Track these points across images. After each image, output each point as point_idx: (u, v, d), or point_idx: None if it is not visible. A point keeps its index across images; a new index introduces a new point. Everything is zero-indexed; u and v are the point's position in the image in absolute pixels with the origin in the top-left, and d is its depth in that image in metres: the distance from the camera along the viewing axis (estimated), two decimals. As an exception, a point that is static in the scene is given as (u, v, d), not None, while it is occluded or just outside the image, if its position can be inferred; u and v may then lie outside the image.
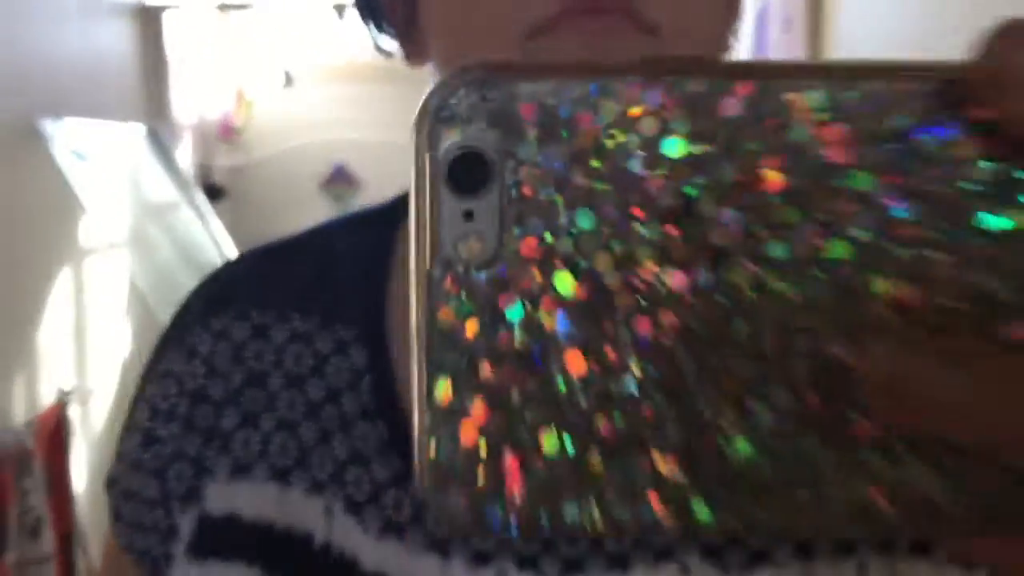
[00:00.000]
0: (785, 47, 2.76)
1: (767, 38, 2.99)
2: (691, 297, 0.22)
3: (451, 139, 0.22)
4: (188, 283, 2.37)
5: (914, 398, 0.22)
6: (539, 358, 0.22)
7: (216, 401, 0.50)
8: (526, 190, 0.22)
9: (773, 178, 0.22)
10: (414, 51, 0.50)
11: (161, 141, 2.61)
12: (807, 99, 0.22)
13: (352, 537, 0.45)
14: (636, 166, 0.22)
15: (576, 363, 0.22)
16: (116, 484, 0.53)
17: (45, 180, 2.03)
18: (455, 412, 0.23)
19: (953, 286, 0.22)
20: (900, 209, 0.23)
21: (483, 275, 0.22)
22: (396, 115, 2.21)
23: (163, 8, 2.76)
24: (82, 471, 2.12)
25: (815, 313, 0.22)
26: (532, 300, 0.22)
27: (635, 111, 0.22)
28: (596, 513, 0.23)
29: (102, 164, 2.22)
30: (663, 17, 0.40)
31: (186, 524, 0.49)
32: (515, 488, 0.23)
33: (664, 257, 0.22)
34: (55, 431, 1.98)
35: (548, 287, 0.22)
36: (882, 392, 0.23)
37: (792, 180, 0.22)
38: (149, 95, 2.72)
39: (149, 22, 2.71)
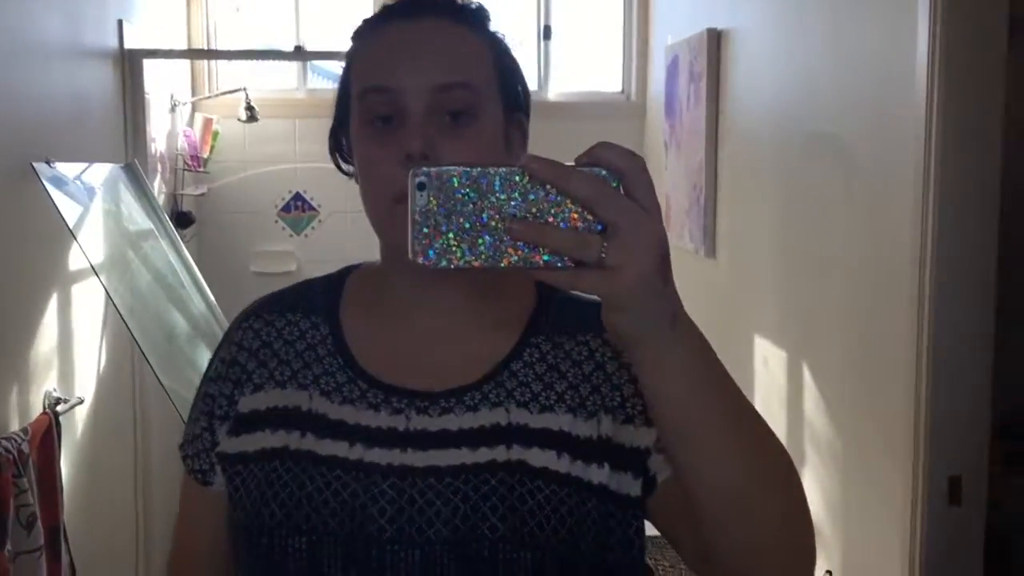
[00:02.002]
0: (695, 94, 3.08)
1: (676, 87, 3.31)
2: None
3: (415, 179, 0.62)
4: (160, 304, 2.60)
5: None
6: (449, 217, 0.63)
7: (241, 362, 0.94)
8: (438, 189, 0.63)
9: (524, 185, 0.62)
10: (359, 183, 0.93)
11: (138, 175, 2.84)
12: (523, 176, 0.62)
13: (323, 405, 0.89)
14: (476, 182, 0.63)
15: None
16: (183, 444, 0.96)
17: (39, 214, 2.24)
18: (420, 229, 0.63)
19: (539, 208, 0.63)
20: (540, 193, 0.62)
21: (421, 201, 0.62)
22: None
23: (144, 52, 2.98)
24: (64, 470, 2.29)
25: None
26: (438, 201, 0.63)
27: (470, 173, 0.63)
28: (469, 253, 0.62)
29: (88, 199, 2.46)
30: None
31: (223, 429, 0.92)
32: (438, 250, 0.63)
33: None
34: (46, 434, 2.18)
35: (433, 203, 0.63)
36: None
37: (529, 188, 0.62)
38: (129, 133, 2.94)
39: (131, 66, 2.93)
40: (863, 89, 2.16)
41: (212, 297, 2.98)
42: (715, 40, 2.96)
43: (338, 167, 0.94)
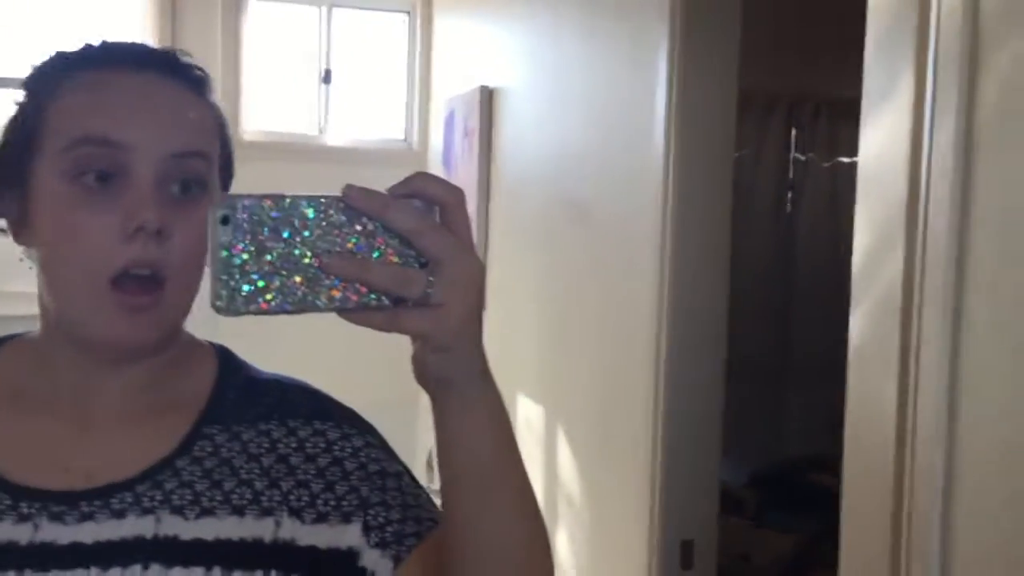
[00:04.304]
0: (468, 148, 3.09)
1: (453, 140, 3.32)
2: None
3: (218, 211, 0.55)
4: None
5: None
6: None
7: None
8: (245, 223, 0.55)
9: (337, 220, 0.57)
10: (22, 241, 0.76)
11: None
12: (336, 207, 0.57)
13: None
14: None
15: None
16: None
17: None
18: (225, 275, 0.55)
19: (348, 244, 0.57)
20: (355, 225, 0.57)
21: (224, 238, 0.55)
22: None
23: None
24: None
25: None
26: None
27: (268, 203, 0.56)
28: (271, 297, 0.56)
29: None
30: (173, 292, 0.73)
31: None
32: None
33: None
34: None
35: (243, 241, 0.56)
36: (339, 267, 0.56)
37: (344, 221, 0.56)
38: None
39: None
40: (609, 156, 2.20)
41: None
42: (487, 97, 2.97)
43: None
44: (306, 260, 0.56)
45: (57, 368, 0.78)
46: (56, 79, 0.75)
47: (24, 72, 0.79)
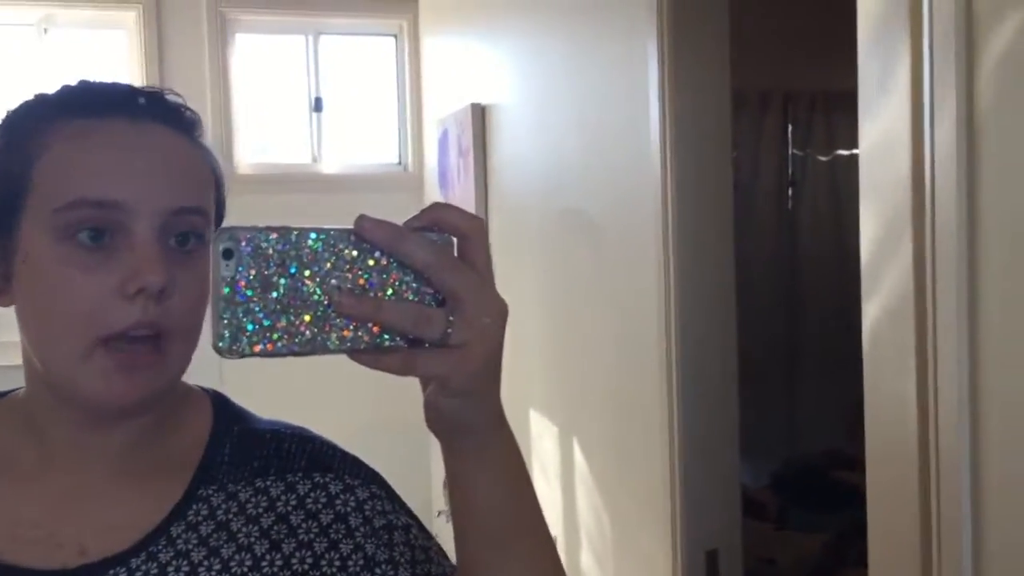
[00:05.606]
0: (464, 167, 3.07)
1: (448, 160, 3.30)
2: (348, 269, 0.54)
3: (219, 244, 0.51)
4: None
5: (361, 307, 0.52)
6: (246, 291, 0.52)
7: None
8: (249, 257, 0.52)
9: (347, 254, 0.53)
10: (3, 301, 0.72)
11: None
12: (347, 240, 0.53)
13: None
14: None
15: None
16: None
17: None
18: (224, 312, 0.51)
19: (361, 275, 0.54)
20: (360, 267, 0.53)
21: (226, 272, 0.51)
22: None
23: None
24: None
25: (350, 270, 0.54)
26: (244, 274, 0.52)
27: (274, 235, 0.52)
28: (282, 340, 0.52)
29: None
30: (173, 349, 0.70)
31: None
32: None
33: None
34: None
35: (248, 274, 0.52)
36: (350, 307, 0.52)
37: (355, 256, 0.53)
38: None
39: None
40: (606, 165, 2.18)
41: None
42: (480, 114, 2.96)
43: None
44: (315, 297, 0.51)
45: (45, 430, 0.74)
46: (40, 128, 0.71)
47: (-1, 116, 0.74)
